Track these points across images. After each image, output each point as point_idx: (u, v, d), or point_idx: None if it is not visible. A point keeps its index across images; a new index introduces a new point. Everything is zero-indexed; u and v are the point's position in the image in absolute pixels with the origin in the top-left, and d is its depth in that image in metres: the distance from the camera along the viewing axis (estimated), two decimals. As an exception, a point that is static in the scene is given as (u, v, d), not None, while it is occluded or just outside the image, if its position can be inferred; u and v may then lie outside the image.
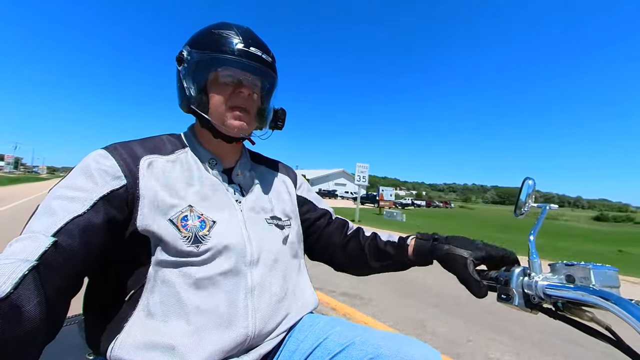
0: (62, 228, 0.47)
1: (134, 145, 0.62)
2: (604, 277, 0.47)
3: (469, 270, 0.60)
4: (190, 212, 0.59)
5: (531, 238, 0.56)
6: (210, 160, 0.70)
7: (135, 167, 0.58)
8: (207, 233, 0.59)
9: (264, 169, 0.82)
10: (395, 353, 0.56)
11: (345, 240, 0.84)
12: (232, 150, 0.74)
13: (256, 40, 0.68)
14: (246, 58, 0.64)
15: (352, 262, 0.83)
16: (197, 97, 0.66)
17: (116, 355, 0.51)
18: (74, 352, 0.64)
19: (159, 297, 0.54)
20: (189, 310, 0.54)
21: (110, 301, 0.56)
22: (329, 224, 0.86)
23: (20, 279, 0.39)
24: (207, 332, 0.54)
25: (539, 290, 0.51)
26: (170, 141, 0.69)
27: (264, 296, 0.62)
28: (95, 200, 0.52)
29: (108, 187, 0.54)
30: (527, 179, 0.60)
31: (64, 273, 0.45)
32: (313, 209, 0.86)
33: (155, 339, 0.52)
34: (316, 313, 0.75)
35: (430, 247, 0.70)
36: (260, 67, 0.66)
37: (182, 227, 0.57)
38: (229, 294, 0.58)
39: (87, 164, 0.56)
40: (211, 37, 0.66)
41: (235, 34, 0.65)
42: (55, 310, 0.43)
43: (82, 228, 0.49)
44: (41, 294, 0.40)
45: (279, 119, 0.78)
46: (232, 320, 0.57)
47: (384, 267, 0.79)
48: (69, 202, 0.50)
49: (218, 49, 0.64)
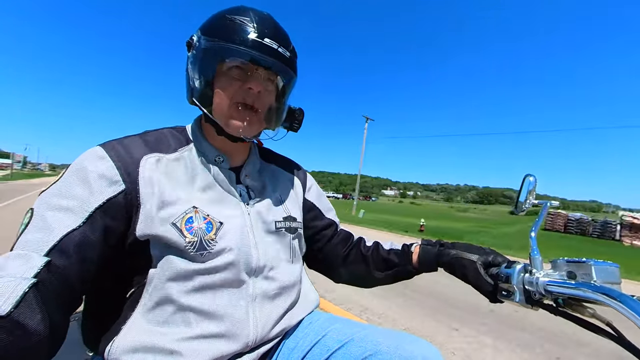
0: (56, 246, 0.45)
1: (134, 143, 0.58)
2: (606, 274, 0.47)
3: (481, 273, 0.60)
4: (195, 213, 0.56)
5: (532, 234, 0.56)
6: (217, 157, 0.65)
7: (135, 170, 0.54)
8: (214, 237, 0.56)
9: (274, 168, 0.77)
10: (395, 350, 0.56)
11: (346, 253, 0.80)
12: (240, 147, 0.69)
13: (274, 30, 0.60)
14: (259, 51, 0.57)
15: (353, 275, 0.80)
16: (201, 89, 0.60)
17: (114, 357, 0.50)
18: (74, 349, 0.64)
19: (159, 301, 0.53)
20: (189, 317, 0.53)
21: (109, 302, 0.55)
22: (333, 236, 0.82)
23: (22, 297, 0.38)
24: (207, 340, 0.53)
25: (540, 286, 0.51)
26: (173, 136, 0.64)
27: (266, 304, 0.61)
28: (91, 212, 0.49)
29: (104, 195, 0.50)
30: (527, 175, 0.60)
31: (60, 292, 0.44)
32: (320, 217, 0.81)
33: (153, 342, 0.51)
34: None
35: (437, 253, 0.69)
36: (275, 62, 0.59)
37: (187, 231, 0.54)
38: (231, 302, 0.56)
39: (82, 166, 0.52)
40: (223, 22, 0.59)
41: (250, 21, 0.58)
42: (56, 326, 0.43)
43: (77, 244, 0.46)
44: (43, 311, 0.40)
45: (296, 119, 0.72)
46: (234, 330, 0.55)
47: (388, 277, 0.76)
48: (63, 214, 0.47)
49: (228, 38, 0.57)
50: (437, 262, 0.70)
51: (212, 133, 0.65)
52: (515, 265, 0.56)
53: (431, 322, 2.95)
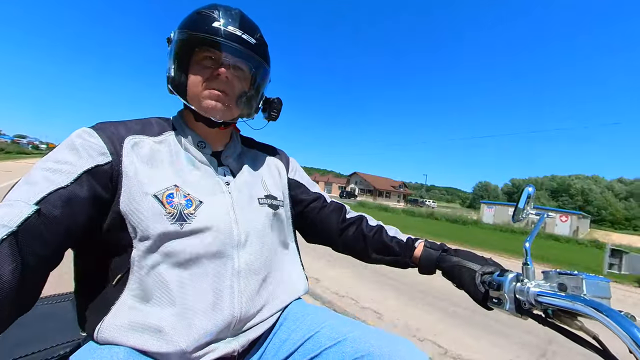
0: (45, 198, 0.46)
1: (120, 125, 0.61)
2: (596, 288, 0.48)
3: (476, 282, 0.62)
4: (177, 191, 0.59)
5: (527, 245, 0.56)
6: (199, 142, 0.68)
7: (120, 146, 0.57)
8: (193, 212, 0.58)
9: (255, 152, 0.81)
10: (387, 353, 0.57)
11: (344, 225, 0.83)
12: (221, 134, 0.73)
13: (240, 20, 0.65)
14: (224, 38, 0.62)
15: (349, 248, 0.84)
16: (176, 78, 0.65)
17: (103, 337, 0.51)
18: (68, 327, 0.65)
19: (145, 280, 0.54)
20: (174, 293, 0.54)
21: (98, 283, 0.55)
22: (323, 207, 0.85)
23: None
24: (193, 314, 0.54)
25: (531, 296, 0.52)
26: (158, 123, 0.68)
27: (251, 279, 0.62)
28: (80, 173, 0.51)
29: (93, 162, 0.53)
30: (527, 186, 0.60)
31: (46, 241, 0.44)
32: (306, 191, 0.85)
33: (141, 321, 0.52)
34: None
35: (438, 257, 0.71)
36: (240, 48, 0.64)
37: (167, 204, 0.56)
38: (215, 276, 0.58)
39: (72, 140, 0.55)
40: (195, 16, 0.64)
41: (217, 13, 0.64)
42: (31, 280, 0.42)
43: (66, 200, 0.48)
44: (17, 261, 0.39)
45: (274, 108, 0.76)
46: (218, 303, 0.56)
47: (384, 261, 0.80)
48: (52, 173, 0.50)
49: (197, 28, 0.63)
50: (436, 266, 0.71)
51: (192, 120, 0.69)
52: (507, 274, 0.57)
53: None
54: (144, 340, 0.51)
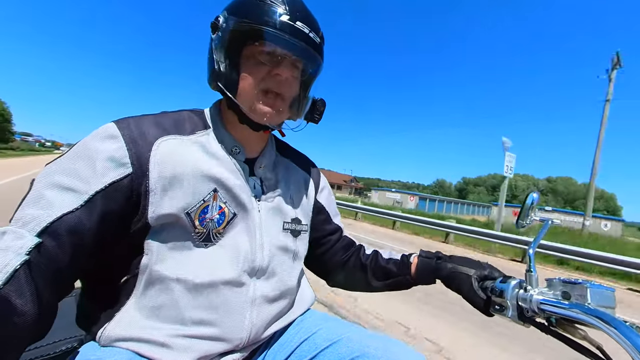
0: (49, 227, 0.43)
1: (149, 123, 0.55)
2: (601, 297, 0.47)
3: (474, 287, 0.61)
4: (214, 200, 0.55)
5: (530, 252, 0.56)
6: (234, 147, 0.61)
7: (146, 154, 0.51)
8: (222, 231, 0.56)
9: (289, 163, 0.74)
10: (382, 353, 0.57)
11: (345, 259, 0.80)
12: (258, 138, 0.65)
13: (306, 14, 0.58)
14: (290, 34, 0.54)
15: (349, 281, 0.80)
16: (227, 73, 0.57)
17: (105, 342, 0.50)
18: (71, 324, 0.64)
19: (155, 295, 0.52)
20: (184, 315, 0.52)
21: (104, 287, 0.54)
22: (337, 242, 0.81)
23: (12, 274, 0.37)
24: (201, 338, 0.53)
25: (534, 304, 0.51)
26: (191, 119, 0.60)
27: (265, 308, 0.59)
28: (91, 195, 0.47)
29: (108, 178, 0.48)
30: (531, 192, 0.60)
31: (49, 275, 0.43)
32: (328, 221, 0.79)
33: (145, 333, 0.50)
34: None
35: (435, 266, 0.69)
36: (305, 47, 0.56)
37: (199, 222, 0.53)
38: (229, 303, 0.55)
39: (91, 144, 0.50)
40: (253, 3, 0.56)
41: (281, 2, 0.55)
42: (45, 307, 0.42)
43: (71, 228, 0.44)
44: (32, 290, 0.39)
45: (317, 110, 0.68)
46: (229, 332, 0.55)
47: (386, 286, 0.76)
48: (62, 193, 0.46)
49: (258, 19, 0.54)
50: (434, 275, 0.70)
51: (232, 121, 0.62)
52: (510, 281, 0.56)
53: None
54: (146, 352, 0.50)
